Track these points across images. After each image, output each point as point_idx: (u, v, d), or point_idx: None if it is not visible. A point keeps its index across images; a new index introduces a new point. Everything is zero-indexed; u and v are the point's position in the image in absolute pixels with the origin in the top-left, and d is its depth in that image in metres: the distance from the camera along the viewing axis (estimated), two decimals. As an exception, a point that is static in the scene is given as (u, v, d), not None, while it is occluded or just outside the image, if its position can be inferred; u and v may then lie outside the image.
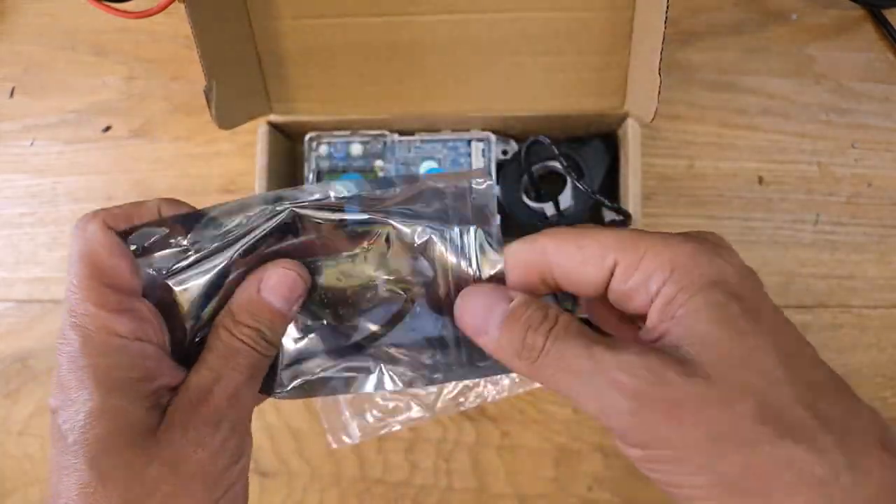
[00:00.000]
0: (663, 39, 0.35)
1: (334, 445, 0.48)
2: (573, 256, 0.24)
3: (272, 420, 0.49)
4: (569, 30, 0.41)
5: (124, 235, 0.25)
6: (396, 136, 0.46)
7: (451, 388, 0.48)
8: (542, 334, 0.23)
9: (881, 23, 0.49)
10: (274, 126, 0.44)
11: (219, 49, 0.38)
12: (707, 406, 0.20)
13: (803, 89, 0.49)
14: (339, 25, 0.41)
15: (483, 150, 0.45)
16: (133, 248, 0.25)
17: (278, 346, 0.27)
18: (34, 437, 0.48)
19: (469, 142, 0.46)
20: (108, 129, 0.51)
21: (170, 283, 0.26)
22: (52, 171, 0.51)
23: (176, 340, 0.26)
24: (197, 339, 0.27)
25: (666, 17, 0.34)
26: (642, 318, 0.24)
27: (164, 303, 0.26)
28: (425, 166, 0.46)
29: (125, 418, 0.23)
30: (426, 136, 0.46)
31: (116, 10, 0.45)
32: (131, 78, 0.51)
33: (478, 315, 0.25)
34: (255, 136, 0.44)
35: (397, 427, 0.48)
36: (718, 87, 0.49)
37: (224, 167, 0.50)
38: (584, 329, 0.23)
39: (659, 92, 0.36)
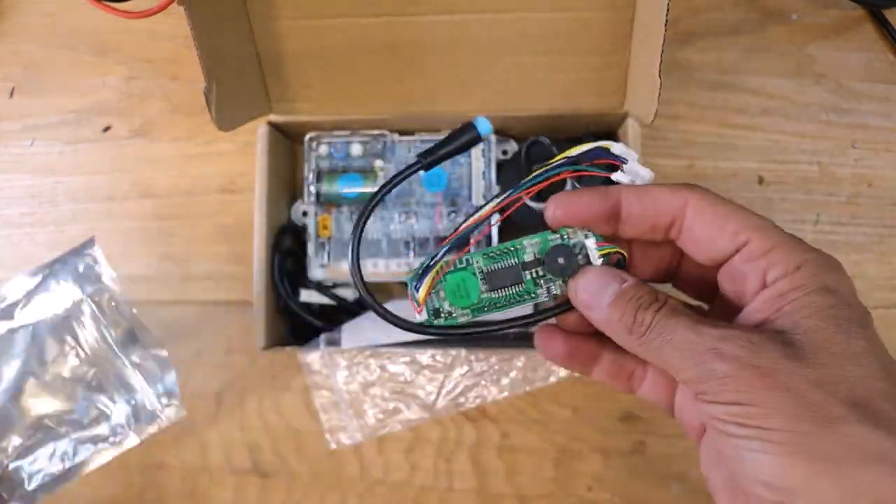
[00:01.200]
0: (664, 41, 0.35)
1: (333, 446, 0.48)
2: (713, 222, 0.26)
3: (272, 420, 0.49)
4: (569, 30, 0.41)
5: None
6: (396, 136, 0.46)
7: (450, 388, 0.48)
8: (651, 312, 0.25)
9: (881, 23, 0.49)
10: (274, 126, 0.45)
11: (218, 51, 0.38)
12: (801, 381, 0.22)
13: (803, 89, 0.49)
14: (338, 26, 0.41)
15: (483, 150, 0.45)
16: None
17: None
18: (34, 437, 0.48)
19: (469, 142, 0.46)
20: (108, 129, 0.51)
21: None
22: (52, 171, 0.51)
23: None
24: None
25: (666, 19, 0.34)
26: (731, 303, 0.26)
27: None
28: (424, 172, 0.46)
29: None
30: (426, 136, 0.46)
31: (116, 10, 0.45)
32: (131, 78, 0.51)
33: (592, 291, 0.27)
34: (255, 136, 0.44)
35: (397, 427, 0.48)
36: (718, 87, 0.49)
37: (224, 167, 0.50)
38: (689, 310, 0.25)
39: (659, 94, 0.36)
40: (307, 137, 0.45)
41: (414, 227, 0.46)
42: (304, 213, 0.46)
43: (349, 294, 0.46)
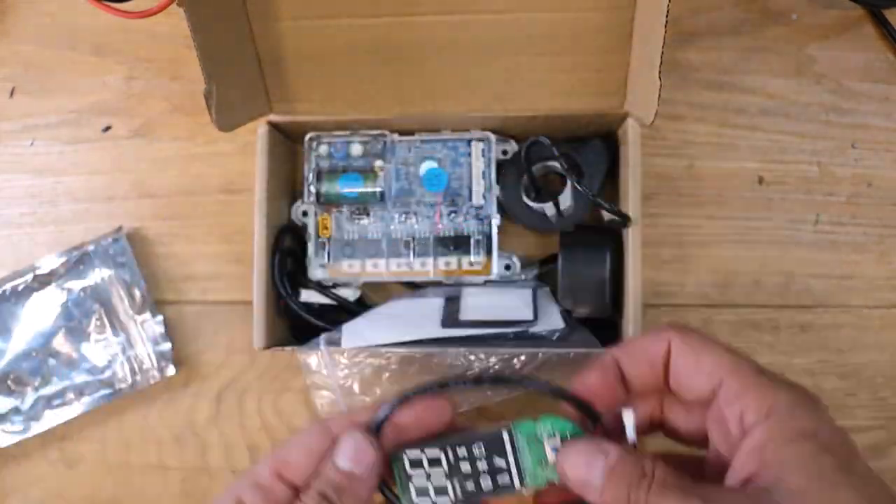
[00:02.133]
0: (664, 42, 0.35)
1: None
2: (690, 363, 0.28)
3: (272, 420, 0.49)
4: (569, 30, 0.41)
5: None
6: (396, 136, 0.46)
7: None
8: (643, 490, 0.25)
9: (881, 23, 0.49)
10: (274, 126, 0.44)
11: (218, 51, 0.38)
12: None
13: (803, 89, 0.49)
14: (338, 26, 0.41)
15: (483, 150, 0.45)
16: None
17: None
18: (35, 436, 0.48)
19: (469, 142, 0.46)
20: (108, 129, 0.51)
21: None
22: (52, 171, 0.51)
23: None
24: None
25: (666, 20, 0.34)
26: (721, 447, 0.28)
27: None
28: (425, 166, 0.46)
29: None
30: (426, 136, 0.46)
31: (116, 10, 0.45)
32: (131, 78, 0.51)
33: (581, 469, 0.27)
34: (255, 136, 0.44)
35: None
36: (718, 87, 0.49)
37: (224, 167, 0.50)
38: (679, 479, 0.26)
39: (659, 94, 0.36)
40: (307, 137, 0.45)
41: (414, 227, 0.46)
42: (304, 213, 0.46)
43: (349, 294, 0.46)
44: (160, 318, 0.49)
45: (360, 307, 0.46)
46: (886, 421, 0.47)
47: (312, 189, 0.45)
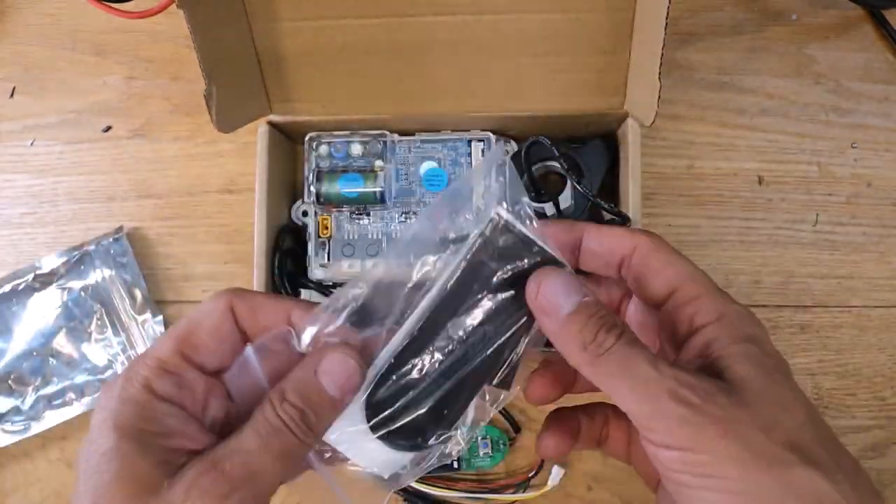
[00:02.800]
0: (664, 44, 0.35)
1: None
2: (652, 266, 0.28)
3: (272, 420, 0.49)
4: (569, 31, 0.41)
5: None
6: (396, 136, 0.46)
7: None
8: (613, 336, 0.25)
9: (881, 23, 0.49)
10: (274, 126, 0.45)
11: (218, 53, 0.38)
12: (748, 428, 0.23)
13: (803, 89, 0.49)
14: (338, 27, 0.41)
15: (483, 151, 0.45)
16: None
17: (319, 436, 0.26)
18: (35, 436, 0.48)
19: (469, 142, 0.46)
20: (108, 129, 0.51)
21: None
22: (52, 171, 0.51)
23: None
24: None
25: (666, 22, 0.34)
26: (667, 346, 0.29)
27: None
28: (425, 166, 0.46)
29: (131, 467, 0.23)
30: (426, 136, 0.46)
31: (117, 10, 0.45)
32: (131, 78, 0.51)
33: (555, 294, 0.26)
34: (255, 137, 0.44)
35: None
36: (718, 87, 0.49)
37: (224, 167, 0.50)
38: (644, 344, 0.26)
39: (659, 96, 0.36)
40: (307, 137, 0.45)
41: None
42: (304, 213, 0.46)
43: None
44: (160, 318, 0.49)
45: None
46: (886, 421, 0.47)
47: (312, 189, 0.45)
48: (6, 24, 0.52)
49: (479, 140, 0.45)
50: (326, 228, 0.46)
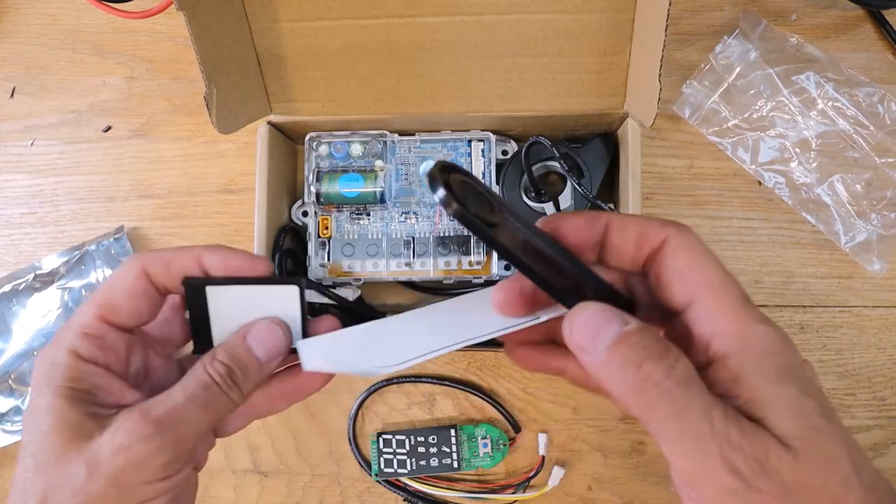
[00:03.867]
0: (664, 46, 0.35)
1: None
2: (677, 268, 0.25)
3: (272, 420, 0.49)
4: (569, 31, 0.41)
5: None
6: (396, 136, 0.46)
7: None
8: (662, 369, 0.22)
9: (881, 23, 0.49)
10: (274, 126, 0.45)
11: (218, 54, 0.38)
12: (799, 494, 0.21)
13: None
14: (339, 27, 0.41)
15: (483, 150, 0.45)
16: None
17: (245, 396, 0.28)
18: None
19: (469, 142, 0.46)
20: (108, 129, 0.51)
21: None
22: (52, 171, 0.51)
23: None
24: None
25: (667, 24, 0.34)
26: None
27: None
28: (425, 166, 0.46)
29: (65, 419, 0.26)
30: (426, 136, 0.46)
31: (116, 10, 0.45)
32: (131, 78, 0.51)
33: (589, 330, 0.24)
34: (255, 137, 0.44)
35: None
36: (718, 87, 0.49)
37: (224, 167, 0.50)
38: (700, 380, 0.23)
39: (659, 98, 0.36)
40: (307, 137, 0.45)
41: (414, 228, 0.46)
42: (305, 213, 0.46)
43: (349, 294, 0.46)
44: None
45: (360, 307, 0.46)
46: (886, 421, 0.47)
47: (312, 189, 0.45)
48: (6, 24, 0.52)
49: (479, 140, 0.45)
50: (326, 228, 0.46)
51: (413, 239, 0.45)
